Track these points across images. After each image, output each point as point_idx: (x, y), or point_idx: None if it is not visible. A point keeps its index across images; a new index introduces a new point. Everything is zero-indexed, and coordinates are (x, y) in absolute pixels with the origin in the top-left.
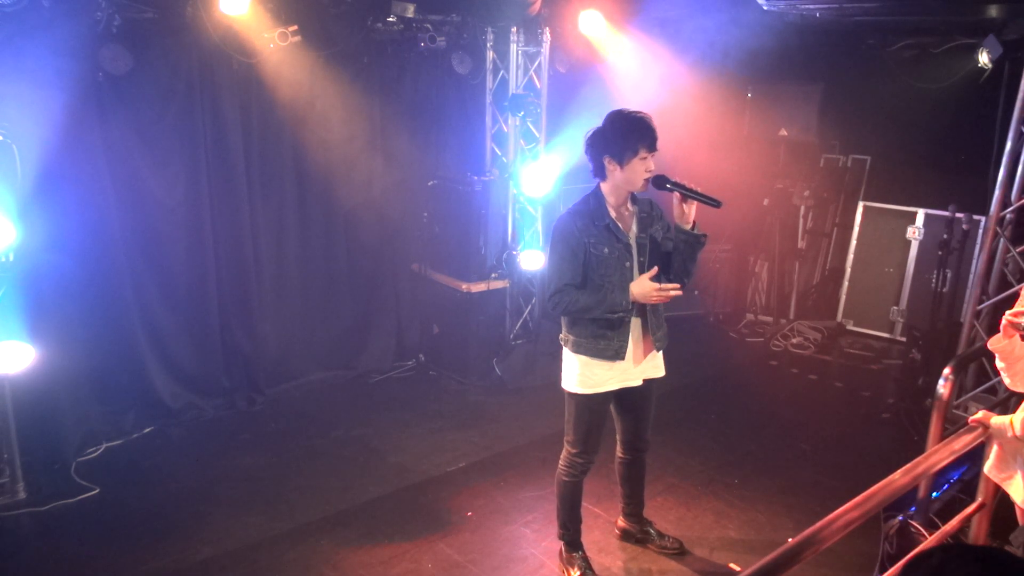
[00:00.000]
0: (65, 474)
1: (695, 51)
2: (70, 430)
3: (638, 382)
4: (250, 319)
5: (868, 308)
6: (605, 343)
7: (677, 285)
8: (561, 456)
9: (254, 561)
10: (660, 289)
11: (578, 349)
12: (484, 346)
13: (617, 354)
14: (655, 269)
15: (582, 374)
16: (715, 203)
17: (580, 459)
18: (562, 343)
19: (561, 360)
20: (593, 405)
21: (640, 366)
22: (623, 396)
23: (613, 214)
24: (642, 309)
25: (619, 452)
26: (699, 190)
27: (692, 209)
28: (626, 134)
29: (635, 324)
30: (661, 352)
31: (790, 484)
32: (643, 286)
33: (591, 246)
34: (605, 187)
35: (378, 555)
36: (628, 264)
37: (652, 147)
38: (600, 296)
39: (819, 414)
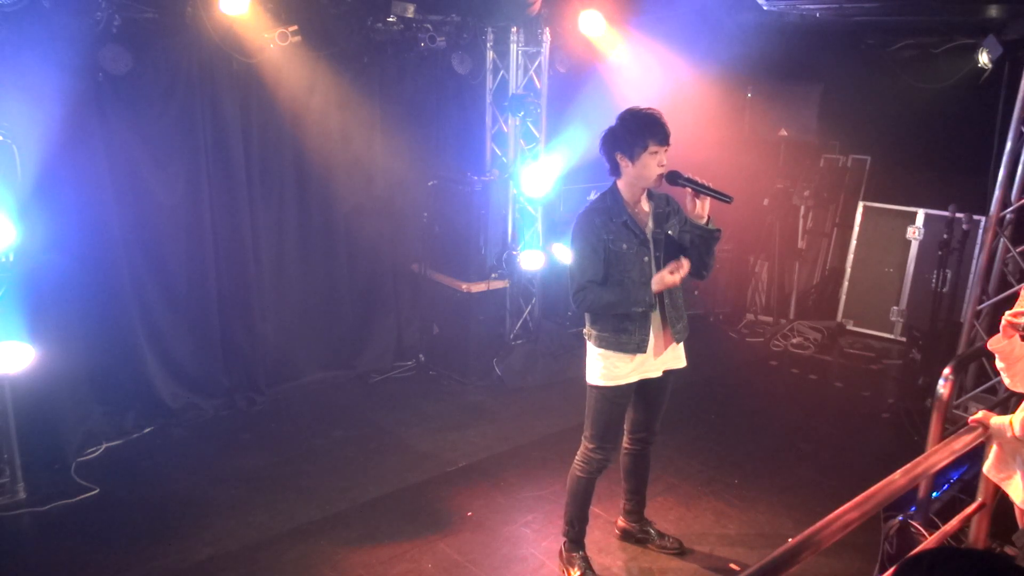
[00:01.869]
0: (65, 474)
1: (695, 51)
2: (70, 430)
3: (658, 373)
4: (250, 319)
5: (868, 308)
6: (627, 337)
7: (685, 262)
8: (578, 452)
9: (254, 561)
10: (672, 271)
11: (600, 343)
12: (484, 346)
13: (639, 347)
14: (671, 265)
15: (605, 366)
16: (726, 199)
17: (597, 455)
18: (585, 338)
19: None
20: (615, 398)
21: (660, 358)
22: (642, 387)
23: (630, 210)
24: (661, 303)
25: (625, 443)
26: (711, 186)
27: (705, 205)
28: (635, 130)
29: (655, 317)
30: (682, 343)
31: (790, 484)
32: (659, 276)
33: (610, 242)
34: (621, 184)
35: (378, 555)
36: (646, 259)
37: (662, 141)
38: (624, 294)
39: (819, 414)
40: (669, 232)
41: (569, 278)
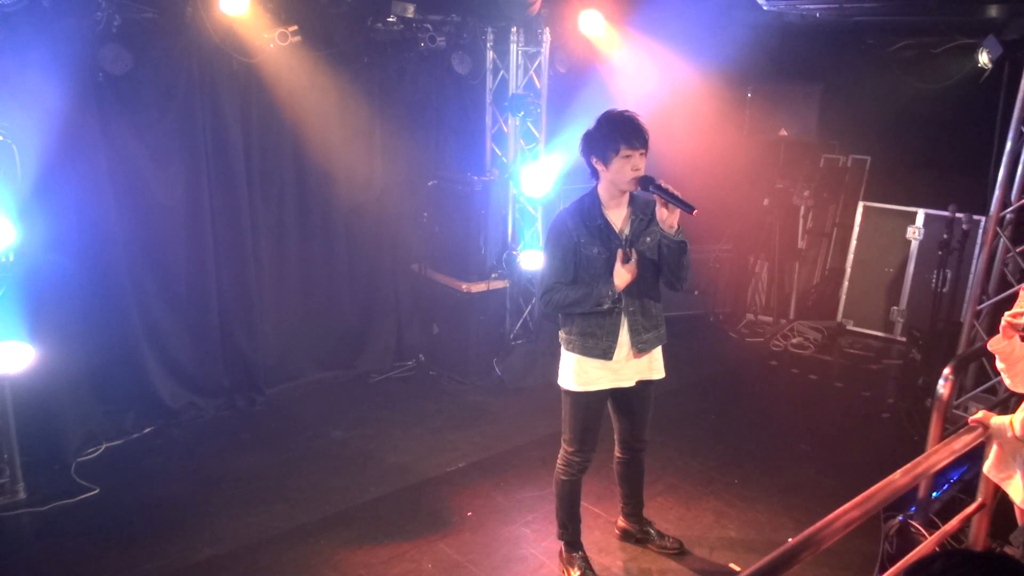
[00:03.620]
0: (65, 474)
1: (695, 51)
2: (70, 430)
3: (631, 383)
4: (250, 319)
5: (868, 308)
6: (594, 342)
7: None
8: (559, 455)
9: (254, 561)
10: (623, 260)
11: (570, 347)
12: (484, 346)
13: (605, 353)
14: (620, 255)
15: (576, 371)
16: (689, 208)
17: (577, 457)
18: (560, 340)
19: (560, 360)
20: (587, 402)
21: (633, 367)
22: (617, 396)
23: (607, 214)
24: (630, 310)
25: (617, 452)
26: (678, 194)
27: (675, 213)
28: (608, 134)
29: (624, 325)
30: (660, 354)
31: (790, 484)
32: (619, 270)
33: (582, 245)
34: (600, 187)
35: (378, 555)
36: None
37: (634, 145)
38: (588, 290)
39: (819, 414)
40: (648, 239)
41: (539, 279)
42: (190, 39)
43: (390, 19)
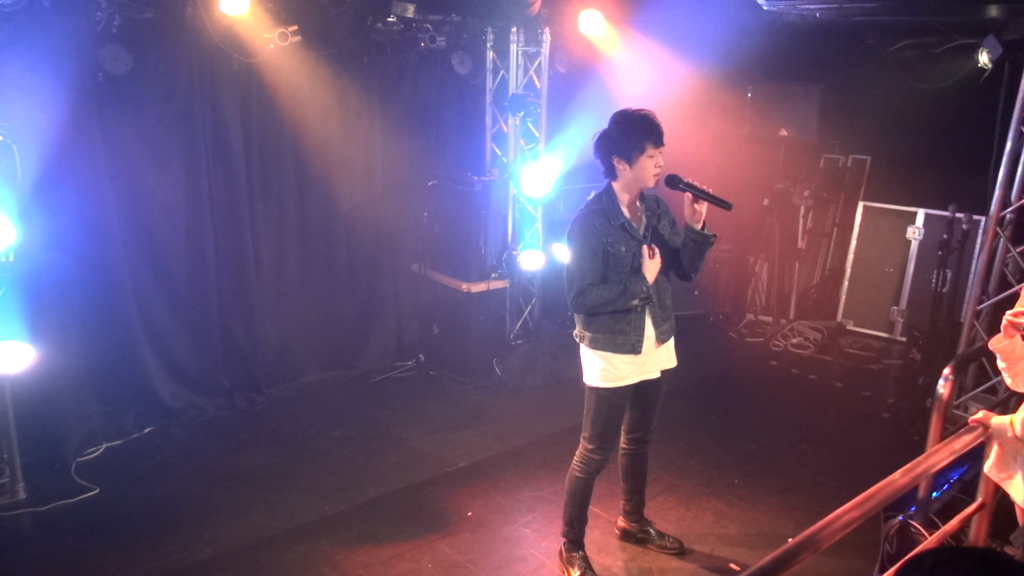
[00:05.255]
0: (65, 474)
1: (695, 51)
2: (70, 430)
3: (656, 374)
4: (250, 319)
5: (868, 308)
6: (623, 338)
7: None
8: (576, 453)
9: (254, 561)
10: (650, 255)
11: (595, 345)
12: (484, 346)
13: (634, 348)
14: (646, 252)
15: (605, 368)
16: (726, 205)
17: (596, 455)
18: (577, 340)
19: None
20: (614, 399)
21: (656, 358)
22: (640, 388)
23: (626, 212)
24: (653, 305)
25: (623, 443)
26: (711, 191)
27: (703, 210)
28: (631, 133)
29: (648, 317)
30: (673, 343)
31: (790, 484)
32: (647, 264)
33: (609, 245)
34: (617, 186)
35: (378, 555)
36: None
37: (659, 143)
38: (621, 287)
39: (819, 414)
40: (662, 233)
41: (567, 281)
42: (190, 39)
43: (390, 19)
